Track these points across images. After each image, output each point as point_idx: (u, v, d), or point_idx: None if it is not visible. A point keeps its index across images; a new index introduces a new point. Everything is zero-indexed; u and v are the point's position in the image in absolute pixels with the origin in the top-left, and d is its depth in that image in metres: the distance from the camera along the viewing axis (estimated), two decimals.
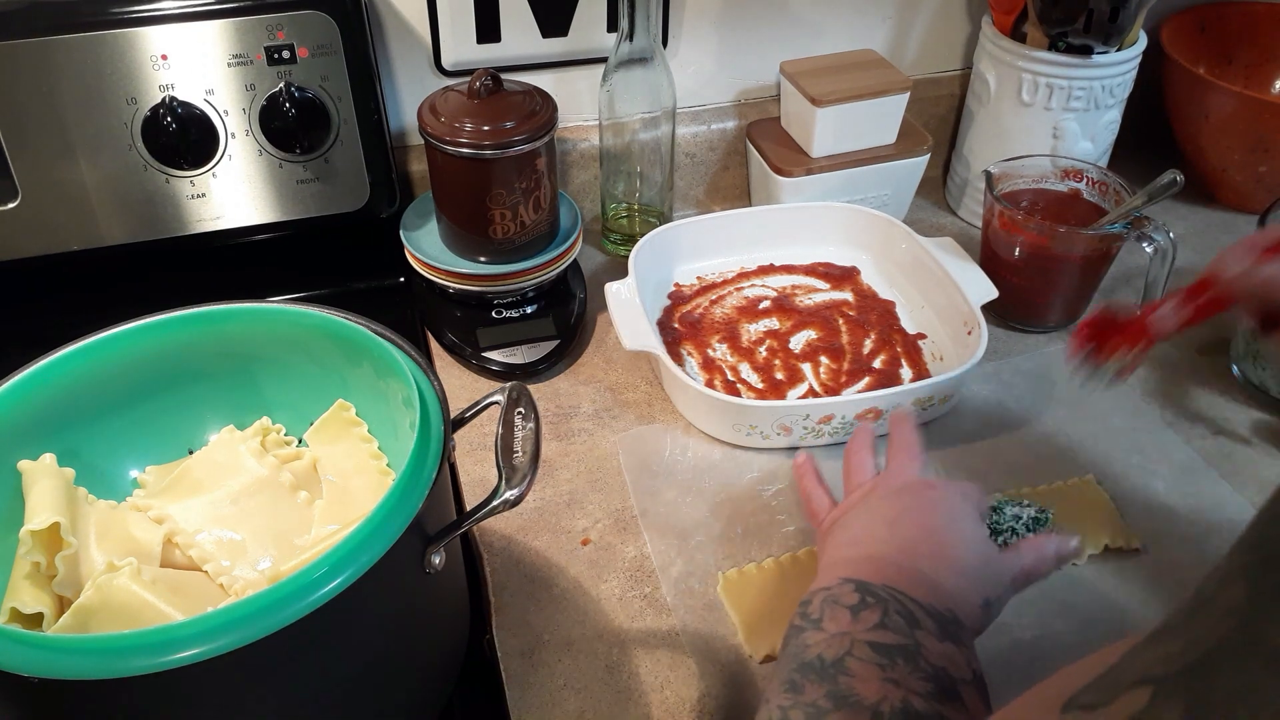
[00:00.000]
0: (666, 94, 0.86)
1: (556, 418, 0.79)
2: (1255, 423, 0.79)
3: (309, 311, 0.58)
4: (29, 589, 0.51)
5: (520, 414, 0.54)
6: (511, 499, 0.49)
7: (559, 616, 0.64)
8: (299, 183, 0.82)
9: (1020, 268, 0.84)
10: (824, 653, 0.45)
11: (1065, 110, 0.92)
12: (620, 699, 0.60)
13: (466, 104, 0.76)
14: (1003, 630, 0.63)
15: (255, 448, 0.60)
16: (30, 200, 0.76)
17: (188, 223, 0.81)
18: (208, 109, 0.77)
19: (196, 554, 0.55)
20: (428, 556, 0.50)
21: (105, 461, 0.59)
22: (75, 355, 0.56)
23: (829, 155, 0.92)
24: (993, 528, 0.68)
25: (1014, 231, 0.83)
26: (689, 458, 0.75)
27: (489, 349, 0.82)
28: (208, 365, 0.61)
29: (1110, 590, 0.66)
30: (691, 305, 0.88)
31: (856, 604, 0.47)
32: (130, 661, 0.40)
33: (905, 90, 0.90)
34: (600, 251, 0.97)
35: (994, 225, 0.85)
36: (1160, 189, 0.78)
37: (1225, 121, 0.96)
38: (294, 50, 0.76)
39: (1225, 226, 1.02)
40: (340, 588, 0.43)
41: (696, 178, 1.02)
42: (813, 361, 0.82)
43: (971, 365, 0.74)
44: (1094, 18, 0.86)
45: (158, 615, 0.49)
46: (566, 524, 0.70)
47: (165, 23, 0.73)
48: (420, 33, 0.88)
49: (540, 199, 0.80)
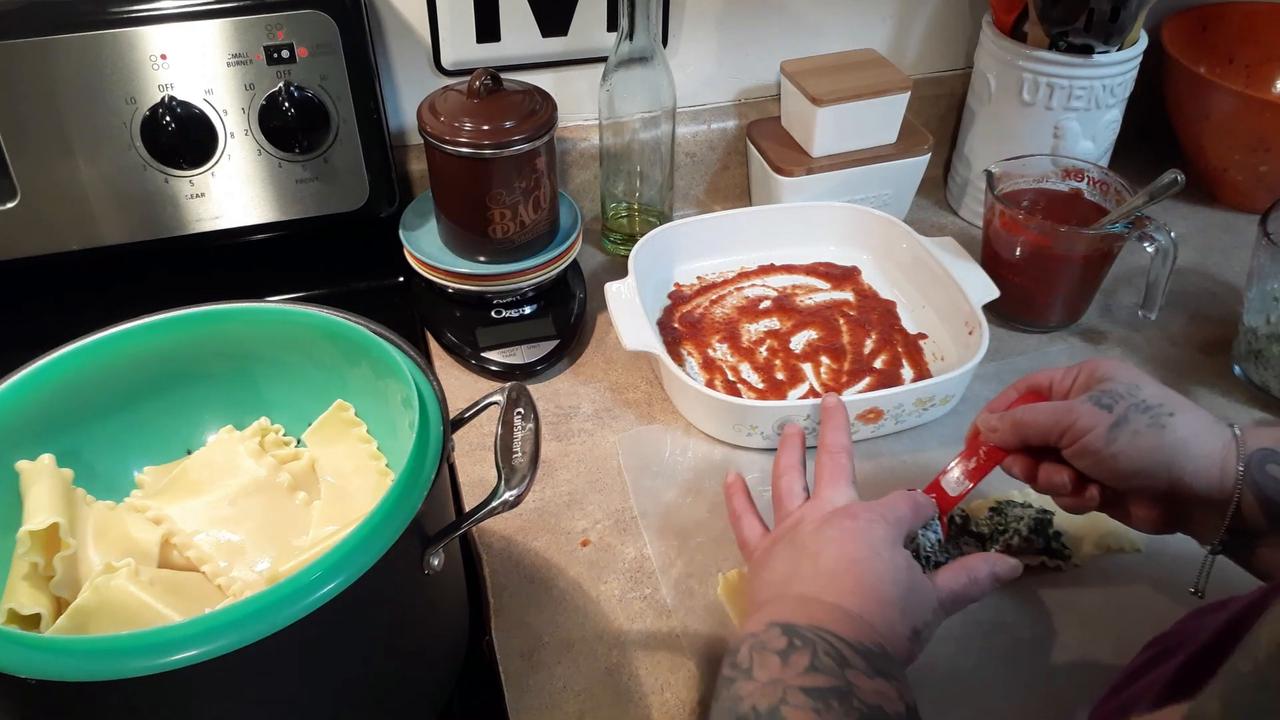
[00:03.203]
0: (666, 93, 0.86)
1: (556, 418, 0.79)
2: (1256, 422, 0.79)
3: (308, 311, 0.58)
4: (27, 590, 0.50)
5: (520, 414, 0.54)
6: (511, 499, 0.49)
7: (559, 618, 0.64)
8: (298, 182, 0.82)
9: (1021, 267, 0.84)
10: (757, 703, 0.45)
11: (1066, 110, 0.92)
12: (620, 700, 0.60)
13: (466, 104, 0.76)
14: (1003, 630, 0.63)
15: (254, 448, 0.59)
16: (29, 200, 0.76)
17: (187, 222, 0.81)
18: (207, 108, 0.76)
19: (194, 555, 0.55)
20: (427, 557, 0.50)
21: (103, 462, 0.59)
22: (74, 355, 0.55)
23: (829, 155, 0.92)
24: (993, 530, 0.68)
25: (1015, 231, 0.83)
26: (689, 458, 0.75)
27: (488, 349, 0.82)
28: (207, 365, 0.60)
29: (1110, 590, 0.66)
30: (691, 305, 0.88)
31: (785, 648, 0.47)
32: (128, 662, 0.40)
33: (905, 90, 0.90)
34: (600, 251, 0.97)
35: (995, 225, 0.85)
36: (1161, 189, 0.78)
37: (1226, 121, 0.96)
38: (293, 50, 0.76)
39: (1226, 226, 1.01)
40: (339, 589, 0.43)
41: (696, 177, 1.02)
42: (813, 361, 0.82)
43: (972, 365, 0.74)
44: (1095, 17, 0.86)
45: (156, 616, 0.49)
46: (566, 524, 0.70)
47: (165, 22, 0.73)
48: (420, 32, 0.88)
49: (540, 199, 0.80)
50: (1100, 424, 0.56)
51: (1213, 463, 0.54)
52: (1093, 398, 0.57)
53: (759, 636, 0.48)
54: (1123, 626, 0.63)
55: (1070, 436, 0.57)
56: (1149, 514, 0.58)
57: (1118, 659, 0.61)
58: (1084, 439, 0.56)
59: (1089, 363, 0.60)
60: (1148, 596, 0.65)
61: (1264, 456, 0.54)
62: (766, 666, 0.46)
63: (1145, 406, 0.56)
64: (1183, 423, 0.55)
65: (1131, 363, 0.59)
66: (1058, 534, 0.68)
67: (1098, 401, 0.56)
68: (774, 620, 0.49)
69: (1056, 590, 0.65)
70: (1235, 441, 0.55)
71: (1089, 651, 0.62)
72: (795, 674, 0.45)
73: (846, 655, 0.46)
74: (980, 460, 0.63)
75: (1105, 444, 0.55)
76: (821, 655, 0.46)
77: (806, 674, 0.45)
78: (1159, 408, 0.56)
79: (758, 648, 0.48)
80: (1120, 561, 0.68)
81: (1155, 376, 0.82)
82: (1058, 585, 0.66)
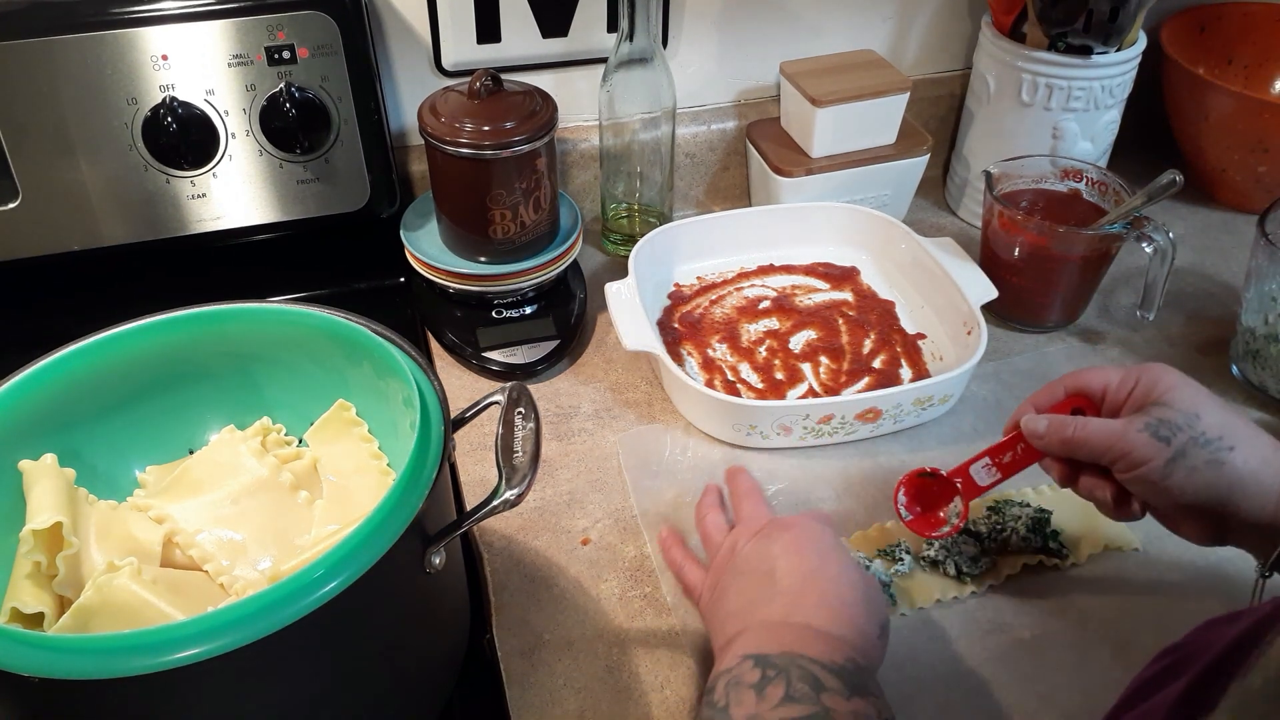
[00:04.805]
0: (666, 94, 0.86)
1: (556, 418, 0.79)
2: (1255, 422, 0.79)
3: (309, 311, 0.58)
4: (30, 589, 0.51)
5: (520, 414, 0.54)
6: (511, 499, 0.49)
7: (559, 616, 0.64)
8: (299, 183, 0.82)
9: (1020, 268, 0.84)
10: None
11: (1065, 110, 0.92)
12: (620, 699, 0.60)
13: (467, 104, 0.76)
14: (1003, 630, 0.63)
15: (255, 448, 0.60)
16: (31, 200, 0.76)
17: (188, 223, 0.81)
18: (208, 109, 0.77)
19: (197, 554, 0.55)
20: (428, 556, 0.50)
21: (106, 461, 0.59)
22: (75, 355, 0.56)
23: (829, 155, 0.92)
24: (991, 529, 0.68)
25: (1014, 231, 0.83)
26: (689, 458, 0.75)
27: (489, 349, 0.82)
28: (208, 365, 0.61)
29: (1109, 590, 0.66)
30: (691, 305, 0.88)
31: (759, 681, 0.47)
32: (130, 661, 0.41)
33: (905, 90, 0.90)
34: (600, 251, 0.97)
35: (994, 225, 0.85)
36: (1160, 189, 0.78)
37: (1225, 122, 0.96)
38: (294, 50, 0.76)
39: (1225, 226, 1.02)
40: (340, 588, 0.43)
41: (696, 178, 1.02)
42: (813, 361, 0.82)
43: (971, 365, 0.75)
44: (1094, 18, 0.86)
45: (158, 615, 0.49)
46: (566, 524, 0.70)
47: (165, 23, 0.73)
48: (420, 33, 0.88)
49: (540, 199, 0.80)
50: (1158, 458, 0.54)
51: (1269, 498, 0.53)
52: (1150, 427, 0.55)
53: (733, 671, 0.48)
54: (1122, 626, 0.63)
55: (1124, 465, 0.56)
56: (1200, 531, 0.57)
57: (1117, 659, 0.61)
58: (1138, 470, 0.55)
59: (1147, 372, 0.58)
60: (1147, 596, 0.65)
61: None
62: (743, 702, 0.46)
63: (1205, 440, 0.54)
64: (1241, 458, 0.54)
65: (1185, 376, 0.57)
66: (1056, 533, 0.68)
67: (1155, 432, 0.55)
68: (746, 653, 0.49)
69: (1056, 590, 0.66)
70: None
71: (1089, 651, 0.62)
72: (771, 706, 0.45)
73: (821, 678, 0.46)
74: (1016, 455, 0.62)
75: (1161, 478, 0.54)
76: (796, 683, 0.46)
77: (783, 705, 0.45)
78: (1218, 441, 0.54)
79: (733, 684, 0.48)
80: (1120, 561, 0.68)
81: None
82: (1057, 585, 0.66)
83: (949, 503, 0.65)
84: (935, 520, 0.65)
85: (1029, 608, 0.65)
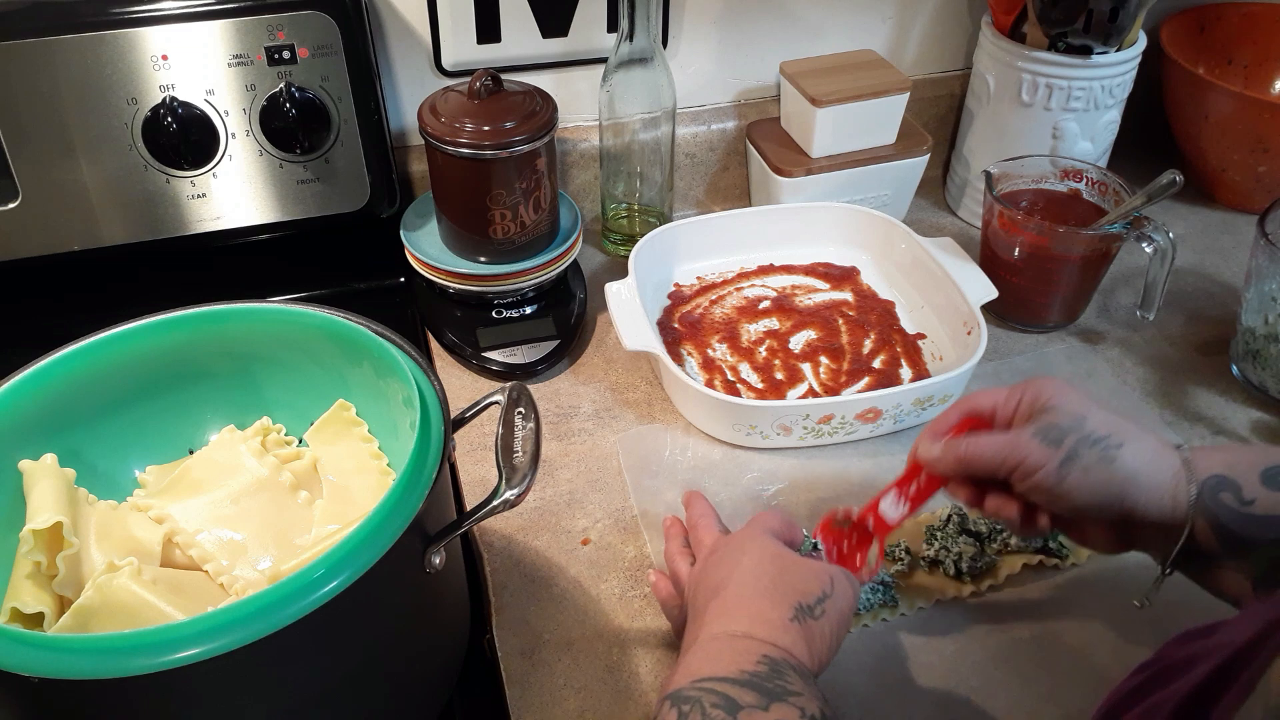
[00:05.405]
0: (666, 94, 0.86)
1: (556, 418, 0.79)
2: (1255, 422, 0.79)
3: (309, 311, 0.59)
4: (30, 589, 0.51)
5: (520, 414, 0.54)
6: (511, 499, 0.49)
7: (559, 616, 0.64)
8: (299, 183, 0.82)
9: (1020, 268, 0.84)
10: None
11: (1065, 110, 0.92)
12: (620, 698, 0.60)
13: (467, 104, 0.76)
14: (1002, 630, 0.63)
15: (256, 448, 0.60)
16: (31, 200, 0.76)
17: (188, 223, 0.81)
18: (208, 109, 0.77)
19: (197, 554, 0.55)
20: (428, 556, 0.50)
21: (106, 461, 0.59)
22: (75, 355, 0.56)
23: (829, 155, 0.92)
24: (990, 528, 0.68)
25: (1013, 231, 0.83)
26: (689, 458, 0.75)
27: (489, 349, 0.82)
28: (208, 365, 0.61)
29: (1109, 590, 0.66)
30: (691, 305, 0.88)
31: None
32: (130, 661, 0.41)
33: (905, 90, 0.90)
34: (600, 251, 0.97)
35: (994, 225, 0.86)
36: (1160, 189, 0.78)
37: (1225, 122, 0.96)
38: (294, 50, 0.76)
39: (1224, 226, 1.02)
40: (340, 588, 0.44)
41: (696, 178, 1.02)
42: (812, 361, 0.82)
43: (971, 365, 0.75)
44: (1094, 18, 0.86)
45: (158, 615, 0.49)
46: (566, 524, 0.70)
47: (165, 23, 0.73)
48: (420, 33, 0.88)
49: (540, 199, 0.80)
50: (1049, 461, 0.54)
51: (1164, 492, 0.54)
52: (1039, 432, 0.55)
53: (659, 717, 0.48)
54: (1121, 626, 0.63)
55: (1019, 474, 0.56)
56: (1103, 537, 0.58)
57: (1117, 659, 0.61)
58: (1034, 477, 0.55)
59: (1031, 385, 0.59)
60: None
61: (1216, 484, 0.53)
62: None
63: (1093, 440, 0.55)
64: (1131, 454, 0.54)
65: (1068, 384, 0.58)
66: (1056, 533, 0.68)
67: (1045, 436, 0.55)
68: (665, 695, 0.48)
69: (1056, 590, 0.66)
70: (1185, 467, 0.54)
71: (1088, 651, 0.62)
72: None
73: (734, 696, 0.46)
74: (921, 485, 0.61)
75: (1056, 481, 0.54)
76: (710, 710, 0.45)
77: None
78: (1106, 439, 0.55)
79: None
80: (1119, 561, 0.67)
81: (1154, 377, 0.83)
82: (1057, 585, 0.66)
83: (866, 547, 0.63)
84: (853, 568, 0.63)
85: (1029, 608, 0.65)
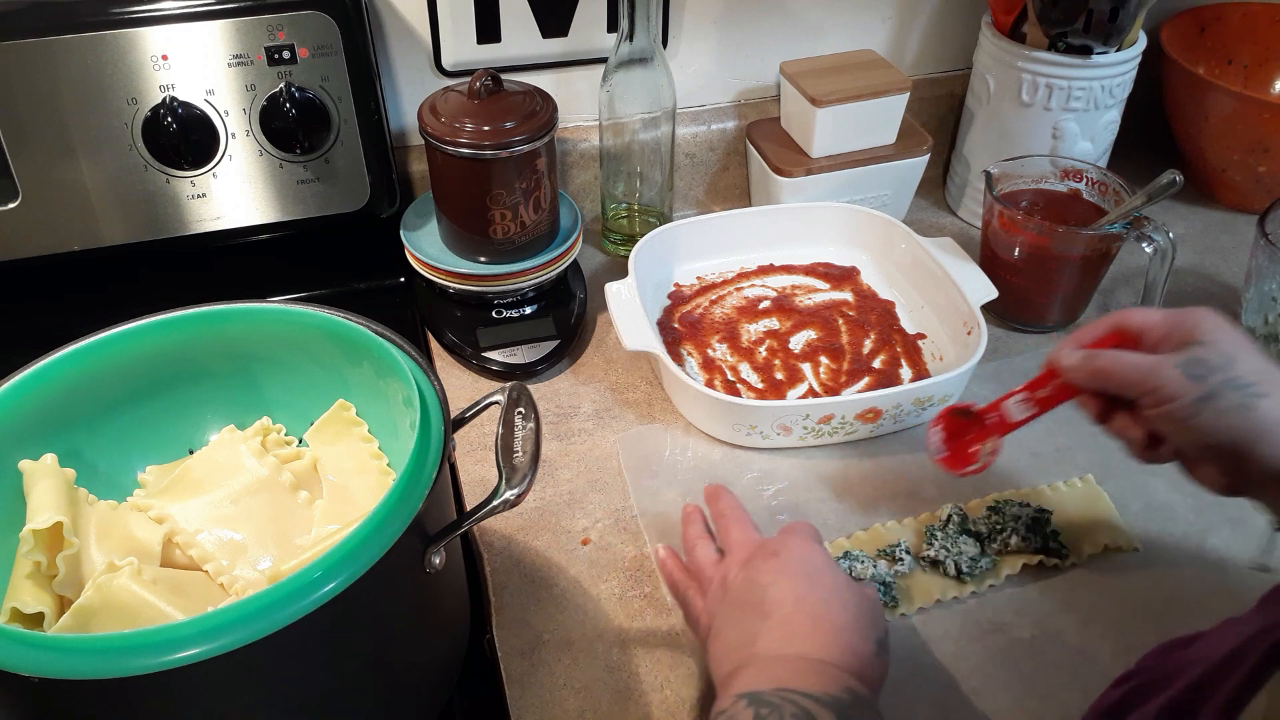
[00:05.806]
0: (666, 94, 0.86)
1: (556, 418, 0.79)
2: None
3: (309, 311, 0.59)
4: (30, 589, 0.51)
5: (520, 414, 0.54)
6: (511, 499, 0.49)
7: (559, 616, 0.64)
8: (299, 183, 0.82)
9: (1020, 268, 0.84)
10: None
11: (1065, 110, 0.92)
12: (620, 698, 0.60)
13: (467, 104, 0.76)
14: (1002, 630, 0.63)
15: (256, 448, 0.60)
16: (31, 200, 0.76)
17: (188, 223, 0.81)
18: (208, 109, 0.77)
19: (197, 554, 0.55)
20: (428, 556, 0.50)
21: (106, 461, 0.59)
22: (75, 355, 0.56)
23: (829, 155, 0.92)
24: (990, 528, 0.68)
25: (1013, 231, 0.83)
26: (689, 458, 0.75)
27: (489, 349, 0.82)
28: (208, 365, 0.61)
29: (1109, 589, 0.66)
30: (691, 305, 0.88)
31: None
32: (130, 661, 0.41)
33: (905, 90, 0.90)
34: (600, 251, 0.97)
35: (994, 225, 0.86)
36: (1160, 189, 0.78)
37: (1225, 122, 0.96)
38: (294, 50, 0.76)
39: (1224, 226, 1.02)
40: (340, 588, 0.44)
41: (696, 178, 1.02)
42: (812, 361, 0.82)
43: (971, 365, 0.75)
44: (1094, 18, 0.86)
45: (158, 615, 0.49)
46: (566, 524, 0.70)
47: (165, 23, 0.73)
48: (420, 33, 0.88)
49: (540, 199, 0.80)
50: (1186, 395, 0.53)
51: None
52: (1185, 364, 0.54)
53: (728, 711, 0.48)
54: (1122, 626, 0.63)
55: (1152, 400, 0.54)
56: (1218, 479, 0.56)
57: (1117, 658, 0.61)
58: (1166, 406, 0.54)
59: (1190, 314, 0.56)
60: (1146, 595, 0.65)
61: None
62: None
63: (1238, 384, 0.53)
64: (1272, 405, 0.53)
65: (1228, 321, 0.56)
66: (1055, 532, 0.68)
67: (1188, 369, 0.53)
68: (741, 692, 0.48)
69: (1056, 590, 0.66)
70: None
71: (1088, 651, 0.62)
72: None
73: (814, 712, 0.46)
74: (1052, 391, 0.61)
75: (1188, 415, 0.53)
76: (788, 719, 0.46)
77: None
78: (1251, 386, 0.53)
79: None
80: (1119, 561, 0.68)
81: None
82: (1057, 585, 0.66)
83: (982, 441, 0.63)
84: (967, 457, 0.63)
85: (1029, 608, 0.65)
